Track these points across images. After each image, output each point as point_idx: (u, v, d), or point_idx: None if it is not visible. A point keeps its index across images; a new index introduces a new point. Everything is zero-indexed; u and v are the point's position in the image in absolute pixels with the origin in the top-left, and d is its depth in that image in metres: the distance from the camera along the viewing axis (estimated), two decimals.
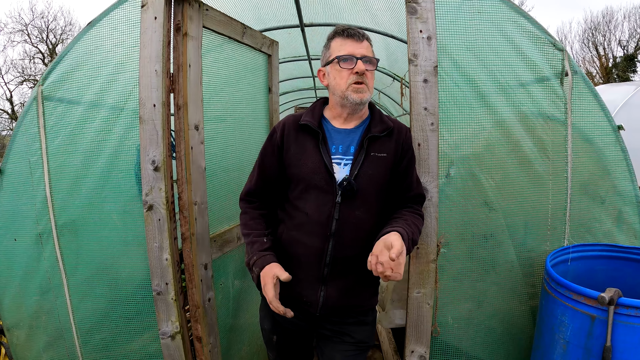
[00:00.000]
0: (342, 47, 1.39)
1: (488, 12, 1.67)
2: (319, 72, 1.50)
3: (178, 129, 1.76)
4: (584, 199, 1.75)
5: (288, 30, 3.59)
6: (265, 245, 1.41)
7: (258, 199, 1.51)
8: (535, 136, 1.71)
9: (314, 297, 1.40)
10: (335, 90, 1.42)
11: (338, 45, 1.40)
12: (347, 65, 1.37)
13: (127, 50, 1.76)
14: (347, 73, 1.37)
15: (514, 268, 1.77)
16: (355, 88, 1.38)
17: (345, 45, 1.38)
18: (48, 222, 1.86)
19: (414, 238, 1.34)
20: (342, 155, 1.42)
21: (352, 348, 1.46)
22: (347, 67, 1.37)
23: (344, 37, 1.39)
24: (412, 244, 1.32)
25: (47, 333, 1.97)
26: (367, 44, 1.41)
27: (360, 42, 1.39)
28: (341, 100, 1.41)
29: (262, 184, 1.49)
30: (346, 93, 1.38)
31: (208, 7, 1.85)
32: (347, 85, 1.38)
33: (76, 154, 1.82)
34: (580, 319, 1.39)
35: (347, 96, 1.39)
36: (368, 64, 1.38)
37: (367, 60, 1.38)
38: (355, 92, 1.38)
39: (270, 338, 1.57)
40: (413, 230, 1.35)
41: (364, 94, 1.39)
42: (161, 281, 1.72)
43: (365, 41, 1.41)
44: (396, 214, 1.43)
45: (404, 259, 1.20)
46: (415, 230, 1.37)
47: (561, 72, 1.69)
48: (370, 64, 1.39)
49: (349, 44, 1.38)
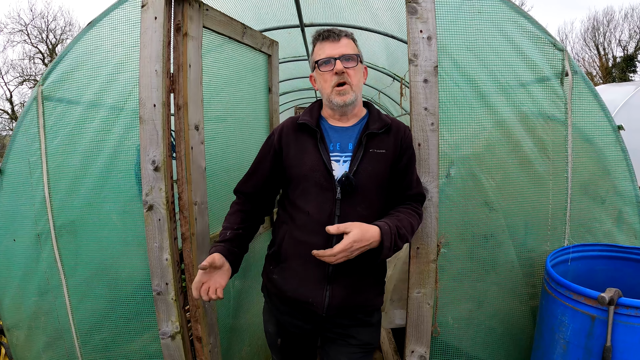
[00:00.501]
0: (320, 51, 1.41)
1: (488, 12, 1.67)
2: (310, 77, 1.52)
3: (178, 129, 1.75)
4: (584, 199, 1.75)
5: (288, 30, 3.59)
6: (225, 237, 1.44)
7: (244, 195, 1.56)
8: (535, 136, 1.71)
9: (320, 298, 1.39)
10: (322, 94, 1.45)
11: (317, 49, 1.43)
12: (327, 67, 1.39)
13: (127, 50, 1.76)
14: (329, 75, 1.39)
15: (514, 268, 1.76)
16: (338, 91, 1.39)
17: (323, 48, 1.40)
18: (47, 223, 1.86)
19: (402, 233, 1.32)
20: (340, 152, 1.42)
21: (357, 350, 1.45)
22: (327, 69, 1.39)
23: (321, 40, 1.41)
24: (398, 238, 1.30)
25: (47, 333, 1.97)
26: (347, 40, 1.41)
27: (337, 41, 1.39)
28: (328, 103, 1.44)
29: (251, 182, 1.55)
30: (330, 97, 1.40)
31: (208, 7, 1.85)
32: (331, 89, 1.39)
33: (75, 154, 1.82)
34: (581, 319, 1.39)
35: (332, 100, 1.41)
36: (348, 61, 1.38)
37: (347, 57, 1.38)
38: (338, 94, 1.39)
39: (275, 341, 1.56)
40: (403, 225, 1.33)
41: (346, 95, 1.39)
42: (161, 281, 1.72)
43: (344, 38, 1.40)
44: (392, 210, 1.43)
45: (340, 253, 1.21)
46: (407, 225, 1.35)
47: (561, 72, 1.69)
48: (350, 61, 1.39)
49: (326, 46, 1.40)
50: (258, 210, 1.57)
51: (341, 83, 1.38)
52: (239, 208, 1.54)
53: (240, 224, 1.50)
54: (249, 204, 1.55)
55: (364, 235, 1.22)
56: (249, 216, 1.54)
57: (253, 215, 1.56)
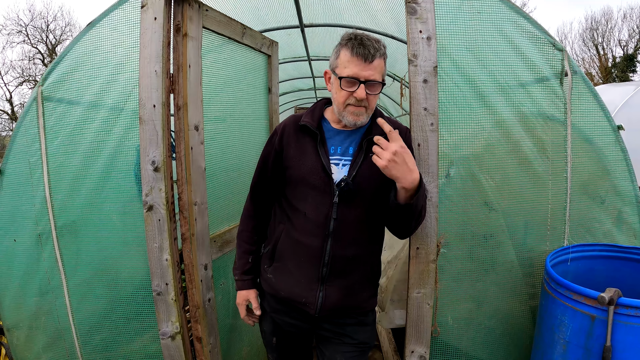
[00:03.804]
0: (348, 64, 1.29)
1: (488, 12, 1.67)
2: (326, 73, 1.44)
3: (178, 129, 1.76)
4: (584, 199, 1.75)
5: (288, 30, 3.59)
6: (247, 266, 1.56)
7: (257, 197, 1.57)
8: (535, 136, 1.71)
9: (312, 298, 1.39)
10: (334, 102, 1.40)
11: (345, 59, 1.30)
12: (349, 87, 1.30)
13: (127, 51, 1.76)
14: (347, 93, 1.31)
15: (514, 268, 1.77)
16: (352, 110, 1.33)
17: (351, 63, 1.28)
18: (47, 223, 1.86)
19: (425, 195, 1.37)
20: (340, 155, 1.41)
21: (352, 349, 1.46)
22: (348, 89, 1.30)
23: (353, 54, 1.28)
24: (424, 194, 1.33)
25: (47, 334, 1.97)
26: (379, 62, 1.30)
27: (370, 63, 1.28)
28: (338, 114, 1.39)
29: (260, 183, 1.54)
30: (343, 113, 1.35)
31: (208, 8, 1.85)
32: (345, 105, 1.33)
33: (76, 155, 1.82)
34: (580, 319, 1.39)
35: (343, 116, 1.36)
36: (372, 87, 1.31)
37: (372, 84, 1.30)
38: (352, 114, 1.33)
39: (270, 340, 1.57)
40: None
41: (360, 117, 1.34)
42: (161, 281, 1.72)
43: (377, 60, 1.29)
44: None
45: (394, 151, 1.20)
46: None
47: (561, 72, 1.69)
48: (374, 88, 1.32)
49: (355, 63, 1.28)
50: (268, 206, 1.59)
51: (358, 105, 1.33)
52: (253, 224, 1.58)
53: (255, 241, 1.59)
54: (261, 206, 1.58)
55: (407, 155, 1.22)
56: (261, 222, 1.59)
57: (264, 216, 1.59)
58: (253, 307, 1.56)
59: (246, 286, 1.55)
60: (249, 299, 1.55)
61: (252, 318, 1.60)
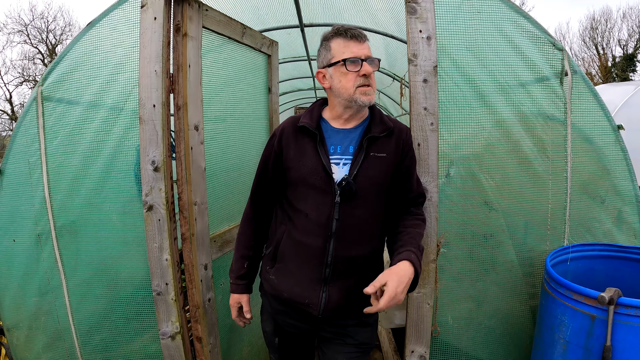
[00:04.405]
0: (345, 49, 1.36)
1: (488, 12, 1.67)
2: (318, 73, 1.47)
3: (178, 129, 1.75)
4: (584, 199, 1.75)
5: (288, 30, 3.59)
6: (242, 271, 1.57)
7: (257, 200, 1.56)
8: (535, 136, 1.71)
9: (316, 299, 1.39)
10: (340, 93, 1.40)
11: (341, 46, 1.37)
12: (354, 67, 1.35)
13: (127, 51, 1.76)
14: (353, 76, 1.36)
15: (514, 268, 1.77)
16: (363, 91, 1.37)
17: (349, 46, 1.36)
18: (47, 223, 1.86)
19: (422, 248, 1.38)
20: (340, 155, 1.41)
21: (354, 350, 1.45)
22: (354, 69, 1.35)
23: (347, 38, 1.37)
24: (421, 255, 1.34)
25: (47, 334, 1.97)
26: (368, 44, 1.41)
27: (363, 42, 1.38)
28: (347, 102, 1.39)
29: (261, 186, 1.53)
30: (355, 96, 1.37)
31: (208, 8, 1.85)
32: (355, 88, 1.37)
33: (76, 155, 1.82)
34: (580, 319, 1.39)
35: (356, 99, 1.37)
36: (372, 64, 1.38)
37: (372, 60, 1.38)
38: (363, 94, 1.37)
39: (272, 340, 1.57)
40: (419, 242, 1.37)
41: (371, 95, 1.39)
42: (161, 281, 1.72)
43: (366, 41, 1.39)
44: (400, 227, 1.42)
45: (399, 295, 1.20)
46: (420, 239, 1.39)
47: (561, 72, 1.69)
48: (374, 65, 1.38)
49: (352, 45, 1.36)
50: (268, 209, 1.58)
51: (366, 84, 1.37)
52: (252, 228, 1.58)
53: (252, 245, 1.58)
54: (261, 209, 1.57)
55: (401, 280, 1.21)
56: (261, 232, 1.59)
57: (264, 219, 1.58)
58: (244, 311, 1.58)
59: (239, 290, 1.58)
60: (241, 302, 1.58)
61: (242, 320, 1.61)
